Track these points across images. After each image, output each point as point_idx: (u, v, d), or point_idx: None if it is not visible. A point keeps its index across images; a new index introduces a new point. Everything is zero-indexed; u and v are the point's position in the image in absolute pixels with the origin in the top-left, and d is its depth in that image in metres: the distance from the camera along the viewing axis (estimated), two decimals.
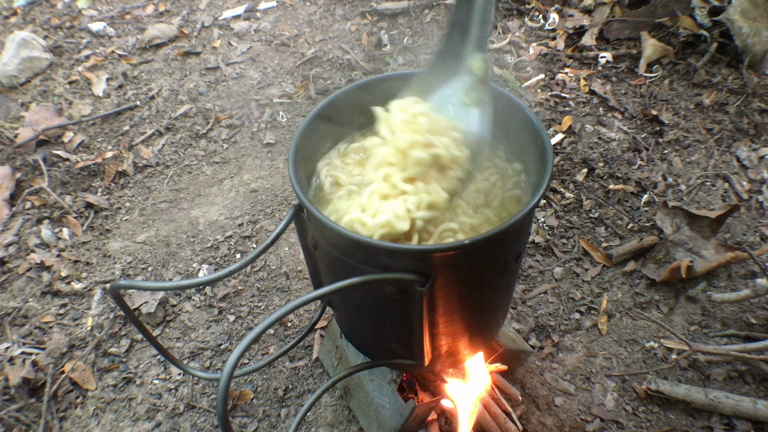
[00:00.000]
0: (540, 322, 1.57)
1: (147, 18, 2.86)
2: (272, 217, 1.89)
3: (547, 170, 0.76)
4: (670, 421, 1.37)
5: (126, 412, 1.46)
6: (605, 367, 1.48)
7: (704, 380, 1.44)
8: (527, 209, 0.73)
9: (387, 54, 2.47)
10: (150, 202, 1.99)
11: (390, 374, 1.20)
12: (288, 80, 2.39)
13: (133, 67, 2.55)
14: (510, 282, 0.96)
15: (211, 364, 1.54)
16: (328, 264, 0.88)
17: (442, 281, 0.75)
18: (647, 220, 1.78)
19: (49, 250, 1.84)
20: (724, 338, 1.51)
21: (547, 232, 1.78)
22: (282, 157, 2.10)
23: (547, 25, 2.54)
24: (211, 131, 2.22)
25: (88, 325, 1.64)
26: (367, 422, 1.29)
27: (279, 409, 1.44)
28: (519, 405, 1.40)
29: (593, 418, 1.39)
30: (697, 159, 1.96)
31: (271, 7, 2.82)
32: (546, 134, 0.81)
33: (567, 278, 1.67)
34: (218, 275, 0.74)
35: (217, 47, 2.61)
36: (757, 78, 2.22)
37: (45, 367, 1.54)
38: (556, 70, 2.32)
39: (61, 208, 1.96)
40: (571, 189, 1.89)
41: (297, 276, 1.72)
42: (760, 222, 1.77)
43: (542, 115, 2.14)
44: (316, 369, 1.51)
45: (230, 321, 1.62)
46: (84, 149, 2.19)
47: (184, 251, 1.81)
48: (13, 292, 1.74)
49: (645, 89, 2.22)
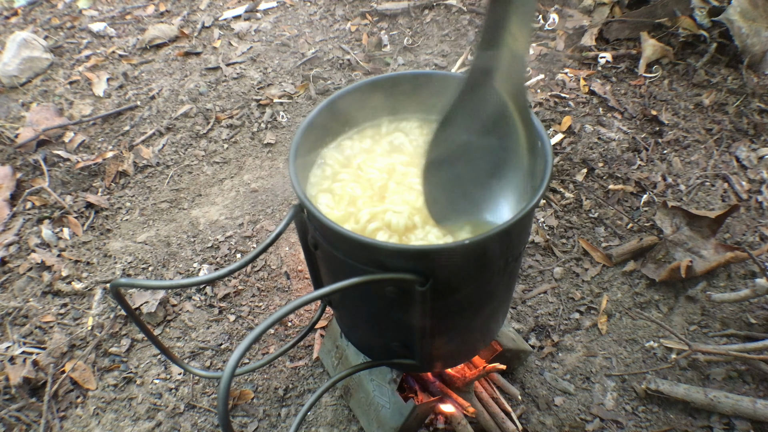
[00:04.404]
0: (540, 321, 1.57)
1: (147, 18, 2.86)
2: (272, 217, 1.89)
3: (547, 170, 0.76)
4: (669, 420, 1.38)
5: (126, 412, 1.47)
6: (605, 366, 1.48)
7: (704, 380, 1.44)
8: (527, 209, 0.73)
9: (387, 54, 2.47)
10: (150, 202, 1.99)
11: (390, 374, 1.20)
12: (288, 80, 2.40)
13: (133, 68, 2.55)
14: (510, 282, 0.97)
15: (212, 363, 1.54)
16: (328, 264, 0.88)
17: (442, 281, 0.76)
18: (647, 220, 1.78)
19: (50, 250, 1.84)
20: (723, 338, 1.52)
21: (547, 232, 1.78)
22: (282, 157, 2.10)
23: (547, 26, 2.54)
24: (212, 131, 2.22)
25: (89, 324, 1.64)
26: (367, 422, 1.30)
27: (279, 408, 1.45)
28: (519, 404, 1.40)
29: (593, 417, 1.39)
30: (696, 159, 1.97)
31: (271, 8, 2.82)
32: (546, 134, 0.81)
33: (567, 278, 1.67)
34: (218, 274, 0.74)
35: (218, 47, 2.61)
36: (756, 78, 2.22)
37: (45, 367, 1.54)
38: (556, 71, 2.32)
39: (61, 208, 1.96)
40: (571, 189, 1.89)
41: (297, 276, 1.72)
42: (759, 222, 1.78)
43: (542, 115, 2.14)
44: (316, 369, 1.51)
45: (231, 321, 1.62)
46: (84, 149, 2.19)
47: (185, 251, 1.81)
48: (14, 291, 1.74)
49: (645, 89, 2.22)
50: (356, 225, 0.87)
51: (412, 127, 1.01)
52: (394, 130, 1.00)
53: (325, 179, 0.94)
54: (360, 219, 0.87)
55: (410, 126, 1.01)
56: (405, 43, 2.52)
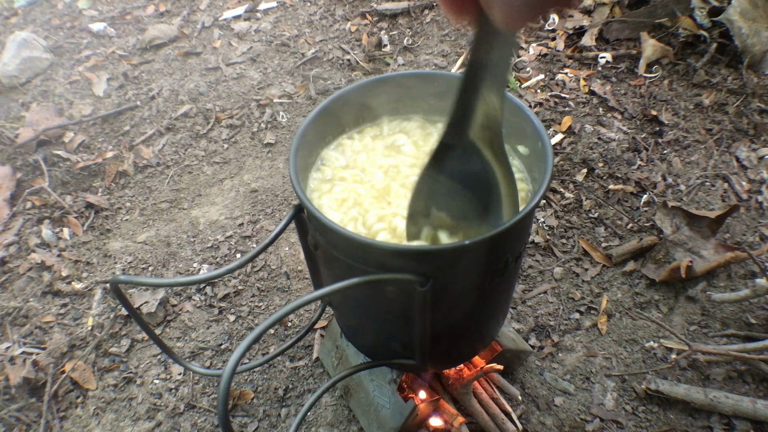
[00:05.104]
0: (540, 322, 1.57)
1: (147, 18, 2.86)
2: (272, 217, 1.89)
3: (546, 171, 0.76)
4: (669, 420, 1.38)
5: (126, 412, 1.47)
6: (605, 366, 1.48)
7: (704, 380, 1.44)
8: (527, 209, 0.73)
9: (387, 54, 2.47)
10: (150, 202, 1.99)
11: (390, 374, 1.20)
12: (288, 80, 2.40)
13: (133, 68, 2.55)
14: (510, 282, 0.97)
15: (212, 363, 1.54)
16: (328, 264, 0.88)
17: (443, 281, 0.75)
18: (647, 220, 1.78)
19: (50, 250, 1.84)
20: (723, 338, 1.52)
21: (547, 232, 1.78)
22: (282, 157, 2.11)
23: (547, 26, 2.54)
24: (212, 131, 2.22)
25: (89, 324, 1.64)
26: (367, 422, 1.30)
27: (279, 408, 1.45)
28: (519, 405, 1.40)
29: (593, 417, 1.39)
30: (696, 159, 1.97)
31: (271, 8, 2.82)
32: (546, 134, 0.81)
33: (567, 278, 1.67)
34: (217, 272, 0.74)
35: (218, 47, 2.61)
36: (756, 78, 2.22)
37: (45, 367, 1.54)
38: (556, 71, 2.32)
39: (61, 208, 1.96)
40: (571, 189, 1.89)
41: (297, 276, 1.72)
42: (759, 222, 1.78)
43: (542, 116, 2.14)
44: (316, 369, 1.51)
45: (230, 321, 1.62)
46: (84, 149, 2.19)
47: (185, 251, 1.81)
48: (14, 291, 1.74)
49: (645, 89, 2.22)
50: (359, 227, 0.87)
51: (413, 127, 1.01)
52: (395, 131, 1.00)
53: (324, 180, 0.94)
54: (366, 221, 0.87)
55: (411, 126, 1.01)
56: (405, 43, 2.52)
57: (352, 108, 0.97)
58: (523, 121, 0.86)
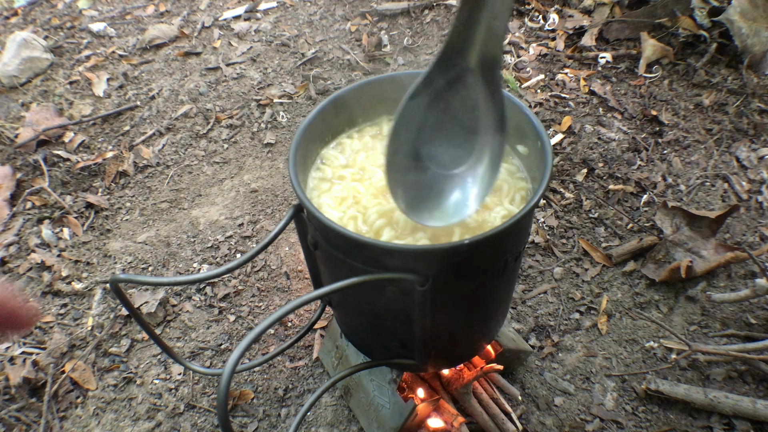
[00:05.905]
0: (540, 322, 1.57)
1: (147, 18, 2.86)
2: (272, 217, 1.89)
3: (546, 171, 0.76)
4: (669, 420, 1.37)
5: (126, 412, 1.47)
6: (605, 366, 1.48)
7: (704, 380, 1.44)
8: (527, 209, 0.73)
9: (387, 54, 2.48)
10: (150, 202, 1.99)
11: (390, 374, 1.20)
12: (288, 80, 2.40)
13: (133, 68, 2.55)
14: (510, 282, 0.97)
15: (212, 363, 1.54)
16: (328, 264, 0.88)
17: (443, 281, 0.76)
18: (647, 221, 1.78)
19: (50, 250, 1.84)
20: (723, 338, 1.52)
21: (547, 232, 1.78)
22: (282, 157, 2.10)
23: (547, 26, 2.54)
24: (212, 131, 2.22)
25: (89, 324, 1.64)
26: (367, 422, 1.30)
27: (279, 408, 1.45)
28: (519, 405, 1.40)
29: (593, 417, 1.39)
30: (696, 159, 1.97)
31: (271, 8, 2.82)
32: (545, 134, 0.81)
33: (567, 278, 1.67)
34: (217, 272, 0.74)
35: (218, 47, 2.61)
36: (756, 78, 2.22)
37: (45, 367, 1.54)
38: (556, 71, 2.32)
39: (61, 208, 1.96)
40: (571, 189, 1.89)
41: (297, 276, 1.72)
42: (759, 222, 1.78)
43: (542, 115, 2.14)
44: (316, 369, 1.51)
45: (230, 321, 1.62)
46: (84, 149, 2.19)
47: (185, 251, 1.81)
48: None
49: (645, 90, 2.22)
50: (360, 225, 0.87)
51: None
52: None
53: (324, 179, 0.94)
54: (368, 219, 0.87)
55: None
56: (405, 43, 2.52)
57: (352, 107, 0.97)
58: (523, 120, 0.86)
